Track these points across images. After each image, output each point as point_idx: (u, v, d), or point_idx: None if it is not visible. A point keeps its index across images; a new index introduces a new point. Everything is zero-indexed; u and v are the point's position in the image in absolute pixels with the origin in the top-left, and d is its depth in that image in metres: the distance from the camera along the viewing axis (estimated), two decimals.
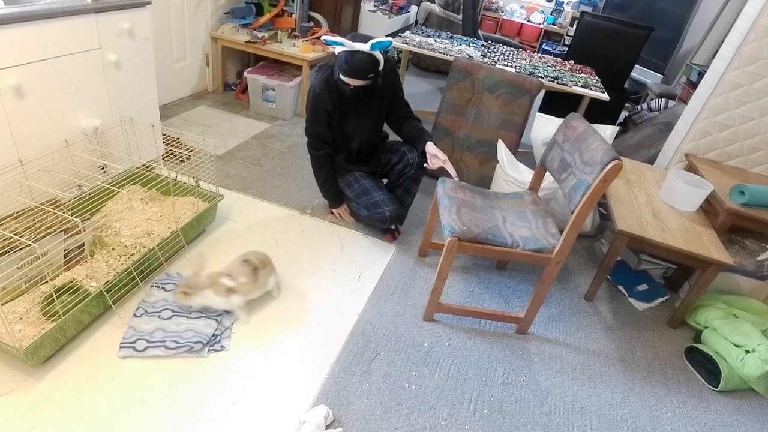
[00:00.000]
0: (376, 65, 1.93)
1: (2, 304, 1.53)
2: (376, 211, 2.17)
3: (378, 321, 1.88)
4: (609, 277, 2.42)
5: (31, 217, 1.79)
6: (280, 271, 2.02)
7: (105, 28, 2.00)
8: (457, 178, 2.02)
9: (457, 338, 1.89)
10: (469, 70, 2.71)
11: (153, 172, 2.24)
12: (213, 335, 1.65)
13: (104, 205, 2.03)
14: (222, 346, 1.63)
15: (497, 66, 3.03)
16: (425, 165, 2.12)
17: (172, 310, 1.70)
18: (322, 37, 1.91)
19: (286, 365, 1.63)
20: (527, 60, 3.43)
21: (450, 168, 2.03)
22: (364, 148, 2.25)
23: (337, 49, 1.92)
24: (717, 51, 3.05)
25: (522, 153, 3.33)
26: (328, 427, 1.45)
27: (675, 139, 2.67)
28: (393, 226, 2.37)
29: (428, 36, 3.60)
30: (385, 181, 2.36)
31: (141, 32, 2.18)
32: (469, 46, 3.54)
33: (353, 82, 1.94)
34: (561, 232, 1.76)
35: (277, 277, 1.90)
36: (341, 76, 1.94)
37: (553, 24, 6.67)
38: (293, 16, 3.61)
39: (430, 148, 2.08)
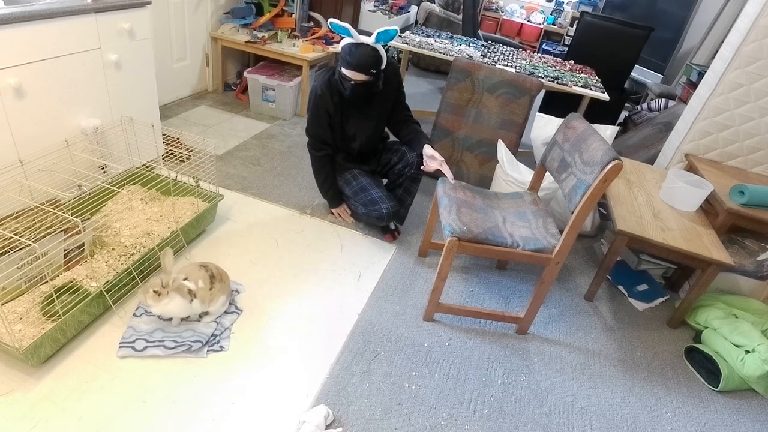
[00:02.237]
0: (379, 62, 1.93)
1: (2, 304, 1.53)
2: (373, 208, 2.17)
3: (378, 321, 1.88)
4: (609, 277, 2.42)
5: (31, 217, 1.79)
6: (281, 271, 2.02)
7: (105, 28, 2.00)
8: (453, 181, 2.02)
9: (457, 338, 1.89)
10: (469, 70, 2.70)
11: (153, 172, 2.24)
12: (212, 335, 1.65)
13: (104, 205, 2.03)
14: (221, 347, 1.63)
15: (497, 66, 3.03)
16: (422, 167, 2.13)
17: None
18: (329, 20, 1.91)
19: (286, 365, 1.62)
20: (527, 60, 3.43)
21: (446, 170, 2.03)
22: (365, 149, 2.25)
23: (342, 41, 1.93)
24: (717, 51, 3.05)
25: (522, 153, 3.33)
26: (328, 427, 1.45)
27: (675, 139, 2.67)
28: (393, 226, 2.37)
29: (428, 36, 3.60)
30: (385, 181, 2.36)
31: (141, 32, 2.18)
32: (469, 46, 3.54)
33: (354, 75, 1.93)
34: (561, 232, 1.76)
35: (228, 304, 1.76)
36: (343, 70, 1.94)
37: (553, 24, 6.67)
38: (293, 16, 3.61)
39: (428, 150, 2.08)
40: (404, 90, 2.23)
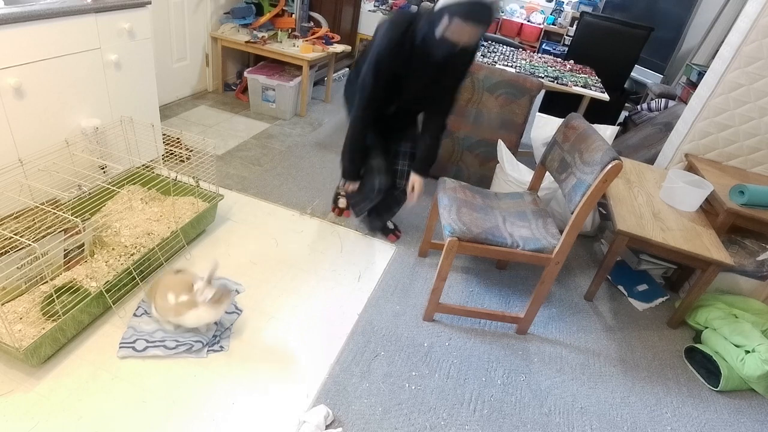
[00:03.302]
0: None
1: (2, 304, 1.53)
2: (368, 176, 2.08)
3: (378, 321, 1.88)
4: (609, 277, 2.42)
5: (31, 217, 1.79)
6: (281, 271, 2.02)
7: (105, 28, 2.00)
8: (412, 202, 2.01)
9: (457, 338, 1.89)
10: (470, 70, 2.70)
11: (153, 172, 2.24)
12: (212, 336, 1.65)
13: (104, 205, 2.03)
14: (221, 347, 1.63)
15: (497, 66, 3.03)
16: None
17: None
18: None
19: (286, 365, 1.63)
20: (527, 60, 3.43)
21: (413, 198, 2.03)
22: (396, 114, 2.05)
23: None
24: (717, 51, 3.05)
25: (522, 153, 3.33)
26: (328, 427, 1.45)
27: (675, 139, 2.67)
28: (392, 226, 2.37)
29: None
30: None
31: (141, 32, 2.18)
32: None
33: (472, 32, 1.59)
34: (561, 232, 1.76)
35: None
36: (458, 24, 1.57)
37: (553, 24, 6.67)
38: (293, 16, 3.61)
39: (413, 183, 2.03)
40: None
